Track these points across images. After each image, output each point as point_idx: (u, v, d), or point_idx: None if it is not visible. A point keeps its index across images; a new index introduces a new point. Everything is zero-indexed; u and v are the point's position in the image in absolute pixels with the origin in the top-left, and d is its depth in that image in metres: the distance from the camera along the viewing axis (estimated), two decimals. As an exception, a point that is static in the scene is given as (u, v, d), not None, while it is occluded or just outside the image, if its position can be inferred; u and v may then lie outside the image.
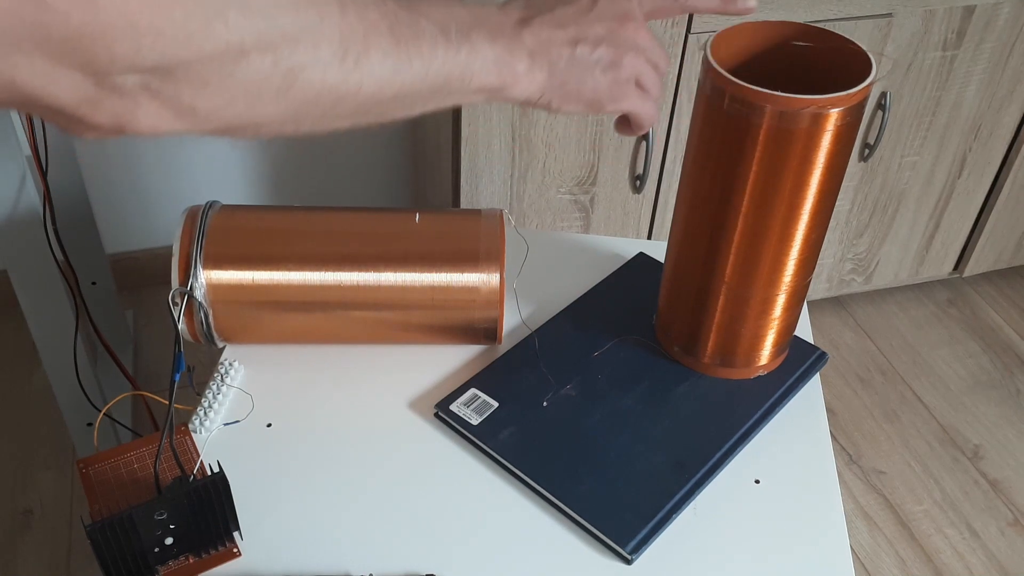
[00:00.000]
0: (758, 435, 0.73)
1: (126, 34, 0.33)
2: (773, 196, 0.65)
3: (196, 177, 1.71)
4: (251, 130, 0.43)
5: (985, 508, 1.51)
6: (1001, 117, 1.57)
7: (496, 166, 1.36)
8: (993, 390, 1.72)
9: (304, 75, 0.41)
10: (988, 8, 1.41)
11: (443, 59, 0.47)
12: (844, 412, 1.66)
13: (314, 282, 0.72)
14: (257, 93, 0.40)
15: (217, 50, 0.37)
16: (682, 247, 0.73)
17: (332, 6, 0.42)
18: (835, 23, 1.34)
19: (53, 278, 1.20)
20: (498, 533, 0.65)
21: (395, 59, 0.45)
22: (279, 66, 0.40)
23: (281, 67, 0.40)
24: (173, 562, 0.61)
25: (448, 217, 0.76)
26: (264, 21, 0.38)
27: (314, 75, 0.42)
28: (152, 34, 0.34)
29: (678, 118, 1.38)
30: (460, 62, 0.48)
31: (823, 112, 0.61)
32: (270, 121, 0.43)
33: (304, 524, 0.65)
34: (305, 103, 0.43)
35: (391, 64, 0.45)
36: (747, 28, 0.68)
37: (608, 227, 1.48)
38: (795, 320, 0.76)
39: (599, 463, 0.69)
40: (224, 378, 0.74)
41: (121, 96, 0.36)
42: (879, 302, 1.88)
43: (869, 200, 1.60)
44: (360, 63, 0.43)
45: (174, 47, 0.35)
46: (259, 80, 0.40)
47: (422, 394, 0.75)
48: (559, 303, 0.83)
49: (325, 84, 0.42)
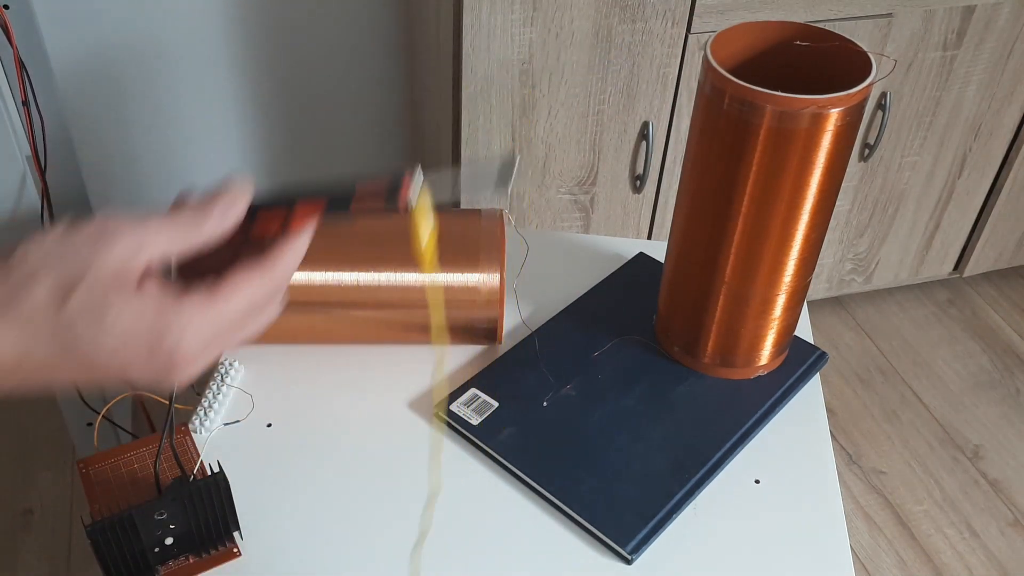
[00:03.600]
0: (758, 435, 0.73)
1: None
2: (773, 196, 0.65)
3: (196, 177, 1.71)
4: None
5: (985, 508, 1.51)
6: (1001, 117, 1.57)
7: (496, 166, 1.36)
8: (993, 390, 1.72)
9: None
10: (988, 8, 1.41)
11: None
12: (844, 412, 1.66)
13: (314, 282, 0.72)
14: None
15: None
16: (682, 247, 0.73)
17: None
18: (835, 23, 1.34)
19: (53, 278, 1.20)
20: (498, 533, 0.65)
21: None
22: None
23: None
24: (173, 562, 0.61)
25: (448, 217, 0.76)
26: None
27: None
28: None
29: (678, 118, 1.38)
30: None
31: (823, 112, 0.61)
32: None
33: (304, 524, 0.65)
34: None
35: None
36: (747, 28, 0.68)
37: (608, 227, 1.48)
38: (795, 320, 0.76)
39: (599, 463, 0.69)
40: (224, 378, 0.74)
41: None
42: (879, 302, 1.88)
43: (869, 200, 1.60)
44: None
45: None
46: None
47: (422, 394, 0.75)
48: (559, 303, 0.83)
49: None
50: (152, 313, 0.43)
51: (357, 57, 1.63)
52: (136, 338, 0.42)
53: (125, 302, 0.42)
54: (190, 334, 0.43)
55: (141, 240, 0.43)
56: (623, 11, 1.24)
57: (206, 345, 0.44)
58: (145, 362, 0.43)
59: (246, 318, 0.46)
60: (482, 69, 1.25)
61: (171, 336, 0.43)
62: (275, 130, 1.69)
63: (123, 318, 0.42)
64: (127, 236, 0.43)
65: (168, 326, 0.43)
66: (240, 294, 0.45)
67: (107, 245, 0.43)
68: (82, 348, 0.42)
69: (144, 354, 0.43)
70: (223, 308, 0.44)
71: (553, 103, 1.31)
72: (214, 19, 1.53)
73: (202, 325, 0.44)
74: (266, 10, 1.55)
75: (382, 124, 1.73)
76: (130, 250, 0.43)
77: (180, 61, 1.56)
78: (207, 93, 1.61)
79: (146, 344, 0.43)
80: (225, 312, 0.45)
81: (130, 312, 0.42)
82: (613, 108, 1.34)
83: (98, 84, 1.55)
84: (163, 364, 0.43)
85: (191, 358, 0.44)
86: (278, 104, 1.66)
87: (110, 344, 0.42)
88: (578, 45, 1.26)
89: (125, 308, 0.42)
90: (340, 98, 1.67)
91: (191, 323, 0.43)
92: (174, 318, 0.43)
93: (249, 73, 1.61)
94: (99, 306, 0.42)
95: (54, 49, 1.44)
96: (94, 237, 0.43)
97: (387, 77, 1.67)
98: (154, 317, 0.43)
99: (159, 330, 0.43)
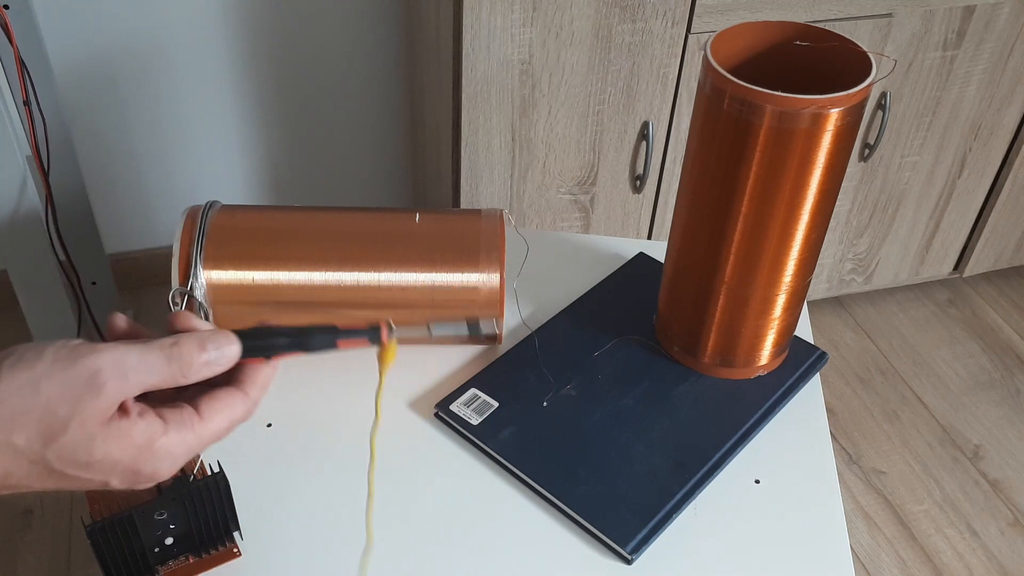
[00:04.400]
0: (758, 435, 0.73)
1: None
2: (773, 196, 0.65)
3: (196, 177, 1.71)
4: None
5: (985, 508, 1.51)
6: (1001, 117, 1.57)
7: (496, 166, 1.36)
8: (993, 390, 1.72)
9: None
10: (988, 8, 1.41)
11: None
12: (844, 412, 1.66)
13: (314, 282, 0.72)
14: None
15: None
16: (682, 247, 0.73)
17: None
18: (835, 23, 1.34)
19: (53, 278, 1.20)
20: (498, 533, 0.65)
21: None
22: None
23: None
24: (173, 562, 0.61)
25: (448, 217, 0.76)
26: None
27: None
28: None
29: (678, 118, 1.38)
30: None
31: (823, 112, 0.61)
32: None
33: (304, 524, 0.65)
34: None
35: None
36: (747, 28, 0.68)
37: (608, 227, 1.48)
38: (795, 320, 0.76)
39: (599, 463, 0.69)
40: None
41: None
42: (879, 302, 1.88)
43: (869, 200, 1.60)
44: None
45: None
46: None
47: (422, 394, 0.75)
48: (559, 303, 0.83)
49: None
50: (137, 444, 0.44)
51: (357, 57, 1.63)
52: (119, 465, 0.44)
53: (110, 436, 0.43)
54: (171, 460, 0.46)
55: (126, 390, 0.44)
56: (623, 11, 1.24)
57: (183, 461, 0.47)
58: (126, 481, 0.45)
59: (222, 435, 0.48)
60: (482, 69, 1.25)
61: (153, 462, 0.45)
62: (275, 130, 1.69)
63: (109, 452, 0.44)
64: (112, 386, 0.43)
65: (153, 455, 0.45)
66: (221, 418, 0.47)
67: (93, 395, 0.43)
68: (68, 471, 0.44)
69: (128, 476, 0.45)
70: (203, 433, 0.46)
71: (553, 103, 1.31)
72: (214, 19, 1.53)
73: (183, 450, 0.46)
74: (266, 10, 1.55)
75: (382, 124, 1.73)
76: (115, 398, 0.44)
77: (180, 61, 1.56)
78: (207, 93, 1.61)
79: (130, 470, 0.45)
80: (204, 435, 0.46)
81: (115, 445, 0.44)
82: (613, 108, 1.34)
83: (98, 84, 1.55)
84: (141, 480, 0.45)
85: (166, 474, 0.46)
86: (278, 104, 1.66)
87: (94, 471, 0.44)
88: (578, 45, 1.26)
89: (111, 442, 0.43)
90: (340, 98, 1.67)
91: (173, 452, 0.45)
92: (159, 446, 0.45)
93: (249, 73, 1.61)
94: (86, 444, 0.43)
95: (54, 49, 1.44)
96: (81, 385, 0.43)
97: (387, 77, 1.67)
98: (139, 448, 0.44)
99: (143, 459, 0.44)
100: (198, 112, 1.63)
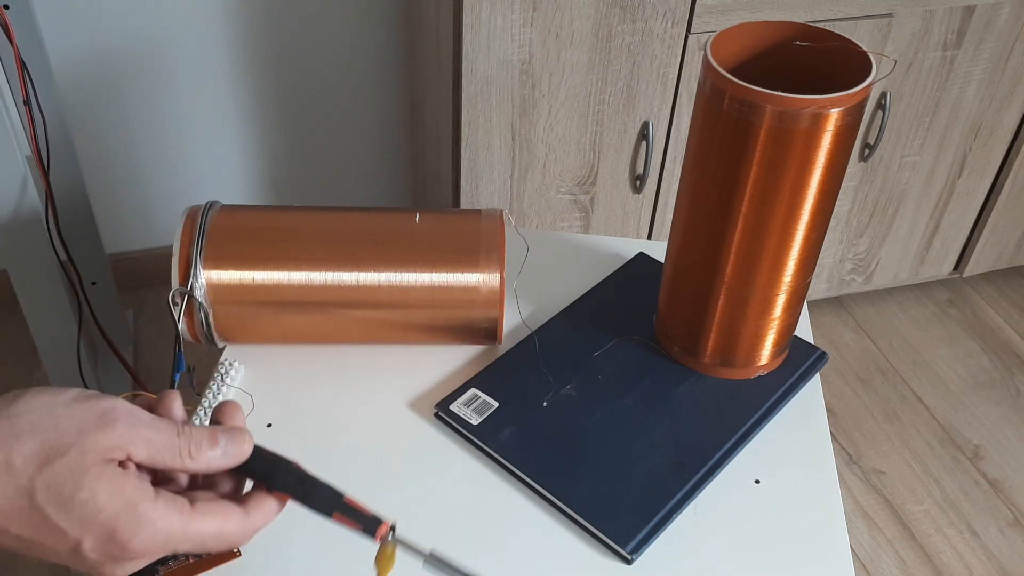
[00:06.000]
0: (758, 435, 0.73)
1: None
2: (773, 196, 0.65)
3: (196, 177, 1.71)
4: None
5: (985, 508, 1.51)
6: (1001, 117, 1.57)
7: (496, 166, 1.36)
8: (993, 390, 1.72)
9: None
10: (988, 8, 1.41)
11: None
12: (844, 412, 1.66)
13: (314, 282, 0.72)
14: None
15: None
16: (682, 247, 0.73)
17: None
18: (835, 23, 1.34)
19: (54, 278, 1.20)
20: (498, 533, 0.65)
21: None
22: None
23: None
24: (173, 562, 0.61)
25: (448, 217, 0.76)
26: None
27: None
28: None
29: (678, 118, 1.38)
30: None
31: (823, 112, 0.61)
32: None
33: (304, 524, 0.65)
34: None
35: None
36: (747, 28, 0.68)
37: (608, 227, 1.48)
38: (795, 320, 0.76)
39: (599, 463, 0.69)
40: (224, 378, 0.74)
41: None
42: (879, 302, 1.88)
43: (869, 200, 1.60)
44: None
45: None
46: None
47: (422, 394, 0.75)
48: (559, 303, 0.83)
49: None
50: (125, 497, 0.43)
51: (357, 57, 1.63)
52: (100, 516, 0.43)
53: (104, 481, 0.43)
54: (149, 534, 0.44)
55: (133, 438, 0.44)
56: (623, 11, 1.24)
57: (160, 548, 0.45)
58: (99, 543, 0.43)
59: (207, 544, 0.46)
60: (482, 69, 1.25)
61: (134, 527, 0.43)
62: (275, 130, 1.70)
63: (96, 493, 0.43)
64: (121, 428, 0.44)
65: (135, 518, 0.43)
66: (213, 521, 0.46)
67: (100, 430, 0.43)
68: (48, 509, 0.42)
69: (103, 537, 0.43)
70: (189, 524, 0.45)
71: (553, 103, 1.31)
72: (214, 19, 1.54)
73: (165, 532, 0.44)
74: (266, 10, 1.55)
75: (382, 124, 1.73)
76: (121, 441, 0.44)
77: (180, 61, 1.56)
78: (207, 93, 1.61)
79: (108, 528, 0.43)
80: (190, 528, 0.45)
81: (105, 488, 0.43)
82: (613, 108, 1.34)
83: (98, 84, 1.55)
84: (113, 551, 0.44)
85: (140, 554, 0.44)
86: (278, 104, 1.66)
87: (74, 517, 0.43)
88: (578, 45, 1.26)
89: (102, 482, 0.43)
90: (340, 98, 1.67)
91: (155, 525, 0.44)
92: (143, 510, 0.44)
93: (249, 73, 1.61)
94: (78, 477, 0.42)
95: (54, 49, 1.44)
96: (94, 418, 0.44)
97: (387, 77, 1.67)
98: (124, 504, 0.43)
99: (124, 519, 0.43)
100: (198, 112, 1.63)
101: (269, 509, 0.48)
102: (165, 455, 0.45)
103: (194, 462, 0.46)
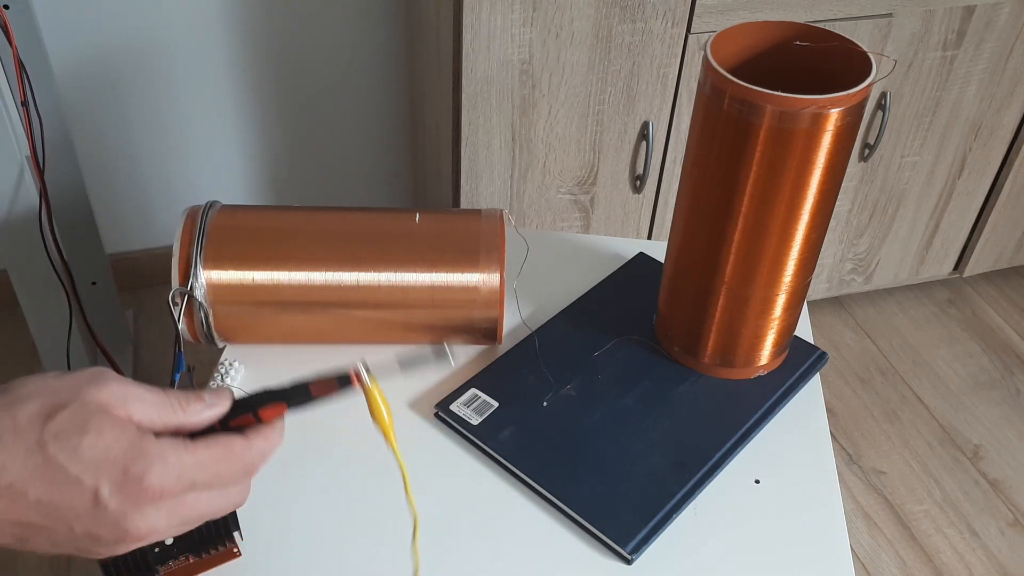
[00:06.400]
0: (758, 435, 0.73)
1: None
2: (773, 196, 0.65)
3: (196, 177, 1.71)
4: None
5: (985, 508, 1.51)
6: (1001, 117, 1.57)
7: (496, 166, 1.36)
8: (993, 390, 1.72)
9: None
10: (988, 8, 1.41)
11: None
12: (844, 412, 1.66)
13: (314, 282, 0.72)
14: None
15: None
16: (682, 247, 0.73)
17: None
18: (835, 23, 1.34)
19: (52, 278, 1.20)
20: (498, 533, 0.65)
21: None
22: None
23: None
24: (173, 562, 0.61)
25: (448, 217, 0.76)
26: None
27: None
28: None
29: (678, 118, 1.38)
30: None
31: (823, 112, 0.61)
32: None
33: (304, 524, 0.65)
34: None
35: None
36: (747, 28, 0.68)
37: (608, 227, 1.48)
38: (795, 320, 0.76)
39: (599, 463, 0.69)
40: (224, 378, 0.74)
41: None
42: (879, 302, 1.88)
43: (869, 200, 1.60)
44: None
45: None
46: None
47: (422, 394, 0.75)
48: (559, 303, 0.83)
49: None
50: (131, 436, 0.45)
51: (357, 57, 1.63)
52: (111, 455, 0.44)
53: (107, 422, 0.45)
54: (161, 467, 0.45)
55: (127, 395, 0.46)
56: (623, 11, 1.24)
57: (176, 482, 0.46)
58: (116, 485, 0.44)
59: (213, 483, 0.48)
60: (482, 69, 1.25)
61: (145, 460, 0.45)
62: (275, 130, 1.70)
63: (103, 435, 0.44)
64: (117, 384, 0.46)
65: (144, 451, 0.45)
66: (215, 451, 0.47)
67: (97, 385, 0.46)
68: (60, 457, 0.43)
69: (118, 477, 0.44)
70: (198, 456, 0.47)
71: (553, 103, 1.31)
72: (214, 19, 1.54)
73: (176, 464, 0.46)
74: (266, 10, 1.55)
75: (382, 124, 1.73)
76: (117, 396, 0.46)
77: (180, 61, 1.56)
78: (207, 93, 1.61)
79: (120, 466, 0.44)
80: (201, 460, 0.47)
81: (110, 431, 0.44)
82: (613, 108, 1.34)
83: (98, 84, 1.55)
84: (132, 491, 0.44)
85: (158, 491, 0.45)
86: (278, 104, 1.66)
87: (86, 461, 0.44)
88: (578, 45, 1.26)
89: (106, 427, 0.44)
90: (340, 98, 1.67)
91: (165, 456, 0.45)
92: (150, 445, 0.45)
93: (249, 73, 1.61)
94: (82, 423, 0.44)
95: (54, 49, 1.44)
96: (87, 377, 0.46)
97: (387, 77, 1.67)
98: (131, 442, 0.45)
99: (133, 456, 0.44)
100: (198, 112, 1.63)
101: (267, 432, 0.51)
102: (160, 410, 0.47)
103: (186, 415, 0.48)
